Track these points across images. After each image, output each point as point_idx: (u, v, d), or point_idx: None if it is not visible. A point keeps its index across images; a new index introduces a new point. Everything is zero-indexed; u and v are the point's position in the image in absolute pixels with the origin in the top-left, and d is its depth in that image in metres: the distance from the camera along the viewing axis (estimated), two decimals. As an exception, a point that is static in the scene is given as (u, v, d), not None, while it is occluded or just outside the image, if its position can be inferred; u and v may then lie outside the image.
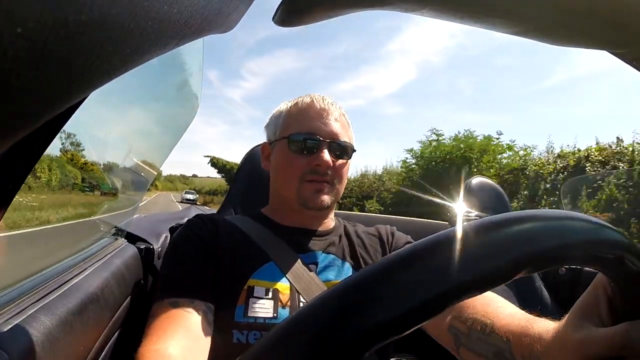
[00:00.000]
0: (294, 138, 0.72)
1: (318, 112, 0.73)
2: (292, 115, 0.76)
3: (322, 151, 0.71)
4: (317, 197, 0.72)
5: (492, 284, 0.21)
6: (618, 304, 0.30)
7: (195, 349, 0.54)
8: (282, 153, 0.75)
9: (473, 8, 0.22)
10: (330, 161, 0.71)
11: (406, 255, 0.21)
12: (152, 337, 0.53)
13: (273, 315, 0.63)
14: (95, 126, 0.71)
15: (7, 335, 0.36)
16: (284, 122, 0.77)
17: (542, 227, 0.23)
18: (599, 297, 0.32)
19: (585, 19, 0.23)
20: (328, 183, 0.73)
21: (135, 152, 0.93)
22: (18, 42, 0.10)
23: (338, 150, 0.73)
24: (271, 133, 0.80)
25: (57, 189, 1.25)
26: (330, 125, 0.73)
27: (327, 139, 0.72)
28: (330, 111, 0.74)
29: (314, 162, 0.71)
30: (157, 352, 0.50)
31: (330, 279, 0.69)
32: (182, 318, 0.56)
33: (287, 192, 0.74)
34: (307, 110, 0.74)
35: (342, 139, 0.74)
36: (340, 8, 0.22)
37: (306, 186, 0.72)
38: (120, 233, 0.87)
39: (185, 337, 0.53)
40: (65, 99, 0.14)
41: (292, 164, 0.73)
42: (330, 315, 0.19)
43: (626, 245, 0.25)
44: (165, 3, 0.14)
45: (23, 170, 0.34)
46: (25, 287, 0.47)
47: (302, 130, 0.72)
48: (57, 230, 1.10)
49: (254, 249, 0.69)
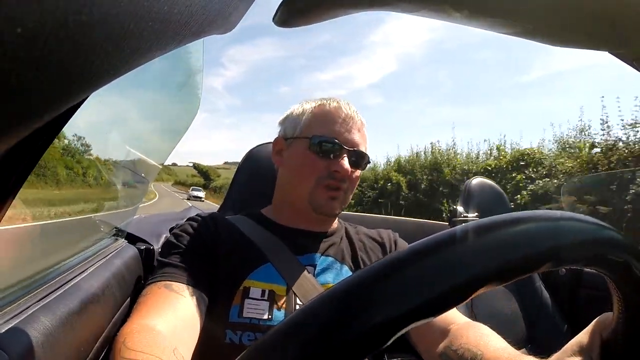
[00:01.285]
0: (317, 140, 0.72)
1: (344, 119, 0.73)
2: (316, 116, 0.75)
3: (342, 158, 0.71)
4: (330, 204, 0.72)
5: (491, 283, 0.21)
6: (613, 349, 0.31)
7: (184, 332, 0.53)
8: (300, 152, 0.74)
9: (472, 8, 0.22)
10: (349, 169, 0.71)
11: (405, 256, 0.21)
12: (141, 312, 0.53)
13: (268, 317, 0.62)
14: (95, 126, 0.71)
15: (7, 335, 0.36)
16: (307, 122, 0.76)
17: (541, 227, 0.23)
18: (594, 339, 0.33)
19: (585, 19, 0.23)
20: (342, 191, 0.73)
21: (135, 152, 0.93)
22: (18, 43, 0.10)
23: (357, 160, 0.73)
24: (290, 130, 0.78)
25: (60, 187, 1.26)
26: (353, 133, 0.73)
27: (348, 147, 0.72)
28: (355, 120, 0.74)
29: (333, 167, 0.71)
30: (145, 326, 0.48)
31: (328, 282, 0.69)
32: (174, 300, 0.56)
33: (299, 192, 0.74)
34: (333, 114, 0.74)
35: (362, 149, 0.74)
36: (340, 8, 0.22)
37: (321, 191, 0.72)
38: (121, 234, 0.87)
39: (175, 318, 0.52)
40: (66, 99, 0.14)
41: (311, 165, 0.72)
42: (328, 318, 0.19)
43: (631, 249, 0.25)
44: (165, 4, 0.14)
45: (24, 171, 0.34)
46: (25, 287, 0.47)
47: (326, 134, 0.72)
48: (59, 226, 1.10)
49: (252, 250, 0.69)
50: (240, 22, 0.24)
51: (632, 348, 0.30)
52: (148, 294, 0.57)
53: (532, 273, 0.23)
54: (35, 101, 0.12)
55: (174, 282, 0.59)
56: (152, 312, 0.52)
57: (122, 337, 0.46)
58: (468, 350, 0.51)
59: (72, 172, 1.25)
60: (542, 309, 1.15)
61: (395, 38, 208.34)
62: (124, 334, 0.47)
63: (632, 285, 0.26)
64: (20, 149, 0.33)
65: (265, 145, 1.16)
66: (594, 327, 0.34)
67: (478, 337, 0.53)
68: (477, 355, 0.49)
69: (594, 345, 0.33)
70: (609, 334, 0.31)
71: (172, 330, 0.50)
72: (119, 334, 0.47)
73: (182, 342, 0.50)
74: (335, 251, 0.74)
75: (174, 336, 0.50)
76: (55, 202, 1.23)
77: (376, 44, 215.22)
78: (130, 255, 0.77)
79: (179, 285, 0.58)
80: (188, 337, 0.53)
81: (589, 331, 0.34)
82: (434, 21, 3.13)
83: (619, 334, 0.30)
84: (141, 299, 0.56)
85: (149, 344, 0.44)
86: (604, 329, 0.33)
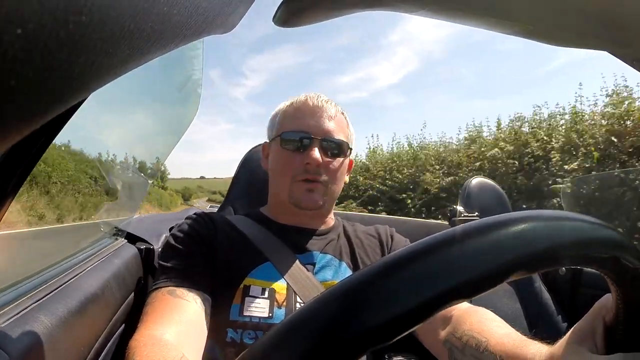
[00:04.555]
0: (286, 136, 0.72)
1: (311, 110, 0.73)
2: (286, 114, 0.76)
3: (312, 149, 0.70)
4: (308, 197, 0.72)
5: (489, 285, 0.21)
6: (615, 333, 0.31)
7: (191, 337, 0.53)
8: (276, 152, 0.75)
9: (472, 8, 0.22)
10: (319, 159, 0.70)
11: (404, 256, 0.21)
12: (148, 322, 0.53)
13: (268, 315, 0.63)
14: (95, 126, 0.71)
15: (7, 335, 0.36)
16: (279, 122, 0.77)
17: (536, 227, 0.23)
18: (596, 324, 0.33)
19: (585, 20, 0.23)
20: (320, 183, 0.72)
21: (135, 152, 0.93)
22: (18, 43, 0.10)
23: (330, 148, 0.72)
24: (269, 132, 0.80)
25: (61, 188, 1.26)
26: (323, 123, 0.72)
27: (318, 137, 0.71)
28: (325, 109, 0.73)
29: (305, 160, 0.70)
30: (153, 337, 0.49)
31: (327, 279, 0.69)
32: (178, 306, 0.56)
33: (280, 191, 0.74)
34: (300, 108, 0.74)
35: (336, 137, 0.73)
36: (340, 8, 0.22)
37: (298, 186, 0.72)
38: (120, 233, 0.87)
39: (181, 324, 0.53)
40: (66, 99, 0.14)
41: (285, 162, 0.73)
42: (328, 317, 0.19)
43: (620, 244, 0.25)
44: (165, 4, 0.15)
45: (23, 171, 0.34)
46: (25, 287, 0.47)
47: (295, 129, 0.72)
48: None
49: (252, 249, 0.69)
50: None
51: (635, 333, 0.29)
52: (153, 302, 0.57)
53: (532, 273, 0.23)
54: (35, 101, 0.12)
55: (178, 287, 0.59)
56: (158, 321, 0.53)
57: (131, 350, 0.47)
58: (472, 337, 0.50)
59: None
60: (543, 309, 1.15)
61: (414, 36, 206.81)
62: (132, 347, 0.47)
63: (630, 284, 0.26)
64: (20, 149, 0.33)
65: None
66: (596, 311, 0.33)
67: (482, 323, 0.52)
68: (482, 342, 0.48)
69: (597, 330, 0.32)
70: (612, 318, 0.31)
71: (179, 338, 0.51)
72: (128, 348, 0.48)
73: (189, 347, 0.51)
74: (333, 249, 0.75)
75: (182, 343, 0.50)
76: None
77: (395, 43, 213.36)
78: (130, 255, 0.77)
79: (183, 290, 0.59)
80: (195, 340, 0.54)
81: (591, 316, 0.34)
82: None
83: (620, 321, 0.30)
84: (147, 308, 0.57)
85: (156, 357, 0.45)
86: (606, 313, 0.32)
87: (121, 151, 0.94)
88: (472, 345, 0.49)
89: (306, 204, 0.72)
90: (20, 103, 0.12)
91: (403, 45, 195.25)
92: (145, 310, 0.57)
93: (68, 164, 1.95)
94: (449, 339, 0.54)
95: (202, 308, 0.58)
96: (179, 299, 0.57)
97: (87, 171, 1.71)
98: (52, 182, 2.15)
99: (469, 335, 0.51)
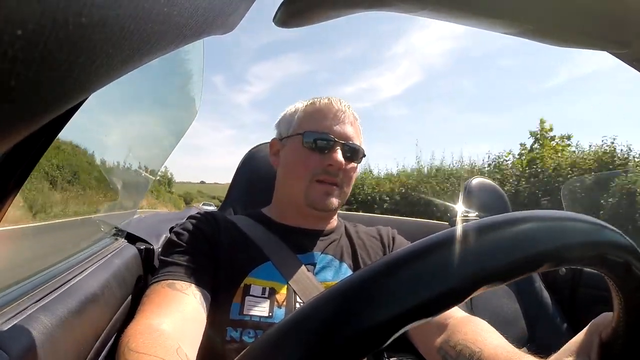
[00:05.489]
0: (309, 136, 0.73)
1: (334, 113, 0.74)
2: (308, 113, 0.76)
3: (335, 151, 0.71)
4: (325, 199, 0.72)
5: (491, 283, 0.21)
6: (613, 348, 0.31)
7: (188, 330, 0.53)
8: (294, 149, 0.75)
9: (472, 9, 0.22)
10: (342, 162, 0.71)
11: (404, 256, 0.21)
12: (145, 312, 0.53)
13: (268, 315, 0.63)
14: (94, 127, 0.71)
15: (7, 335, 0.36)
16: (299, 120, 0.77)
17: (541, 227, 0.23)
18: (592, 339, 0.33)
19: (586, 20, 0.23)
20: (337, 186, 0.73)
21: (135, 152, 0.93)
22: (18, 44, 0.10)
23: (350, 152, 0.74)
24: (284, 129, 0.79)
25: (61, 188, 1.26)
26: (345, 127, 0.73)
27: (341, 140, 0.72)
28: (347, 114, 0.75)
29: (326, 161, 0.71)
30: (150, 326, 0.49)
31: (327, 280, 0.69)
32: (177, 298, 0.56)
33: (295, 189, 0.74)
34: (324, 110, 0.75)
35: (355, 142, 0.74)
36: (339, 9, 0.22)
37: (315, 187, 0.72)
38: (121, 233, 0.87)
39: (179, 316, 0.53)
40: (66, 100, 0.14)
41: (305, 161, 0.73)
42: (329, 316, 0.19)
43: (633, 250, 0.25)
44: (165, 5, 0.15)
45: (23, 171, 0.34)
46: (25, 287, 0.47)
47: (318, 129, 0.73)
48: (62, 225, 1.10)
49: (252, 248, 0.70)
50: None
51: (632, 348, 0.30)
52: (152, 293, 0.57)
53: (532, 273, 0.23)
54: (35, 102, 0.12)
55: (177, 280, 0.59)
56: (155, 311, 0.52)
57: (126, 338, 0.46)
58: (466, 346, 0.50)
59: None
60: (543, 309, 1.15)
61: (418, 48, 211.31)
62: (128, 335, 0.47)
63: (632, 285, 0.26)
64: (20, 149, 0.33)
65: (264, 145, 1.16)
66: (593, 328, 0.34)
67: (476, 333, 0.52)
68: (476, 353, 0.48)
69: (593, 346, 0.33)
70: (608, 334, 0.31)
71: (176, 329, 0.50)
72: (123, 335, 0.47)
73: (186, 340, 0.51)
74: (334, 249, 0.75)
75: (178, 335, 0.50)
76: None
77: (399, 55, 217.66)
78: (130, 255, 0.77)
79: (182, 284, 0.59)
80: (192, 334, 0.54)
81: (588, 331, 0.34)
82: (457, 29, 3.09)
83: (619, 334, 0.30)
84: (145, 299, 0.57)
85: (152, 345, 0.44)
86: (602, 329, 0.33)
87: (121, 151, 0.94)
88: (466, 355, 0.49)
89: (322, 206, 0.72)
90: (20, 103, 0.12)
91: (406, 58, 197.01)
92: (143, 301, 0.56)
93: (79, 159, 1.89)
94: (443, 347, 0.54)
95: (201, 303, 0.58)
96: (178, 292, 0.57)
97: (89, 168, 1.66)
98: (64, 179, 2.09)
99: (463, 344, 0.51)
